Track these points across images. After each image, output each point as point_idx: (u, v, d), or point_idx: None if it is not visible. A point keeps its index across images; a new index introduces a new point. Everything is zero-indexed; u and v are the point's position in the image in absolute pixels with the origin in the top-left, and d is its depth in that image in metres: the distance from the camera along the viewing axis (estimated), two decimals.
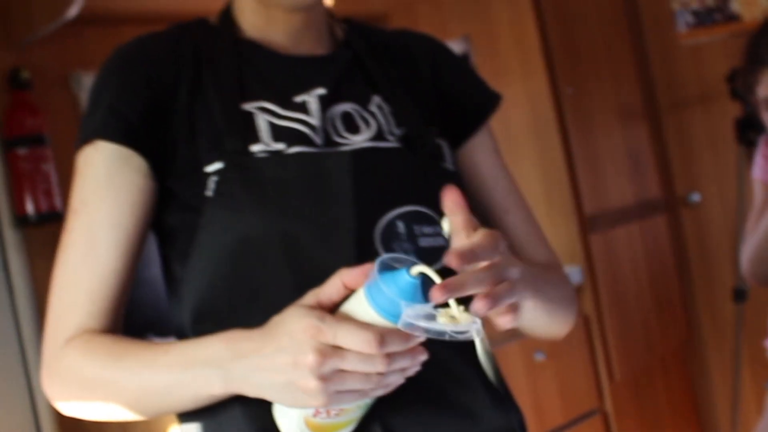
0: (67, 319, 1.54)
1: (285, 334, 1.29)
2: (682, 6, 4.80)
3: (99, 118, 1.55)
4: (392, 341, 1.23)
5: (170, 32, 1.68)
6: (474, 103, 1.83)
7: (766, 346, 3.26)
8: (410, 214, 1.61)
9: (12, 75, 3.25)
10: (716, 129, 4.64)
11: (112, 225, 1.55)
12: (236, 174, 1.54)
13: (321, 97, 1.64)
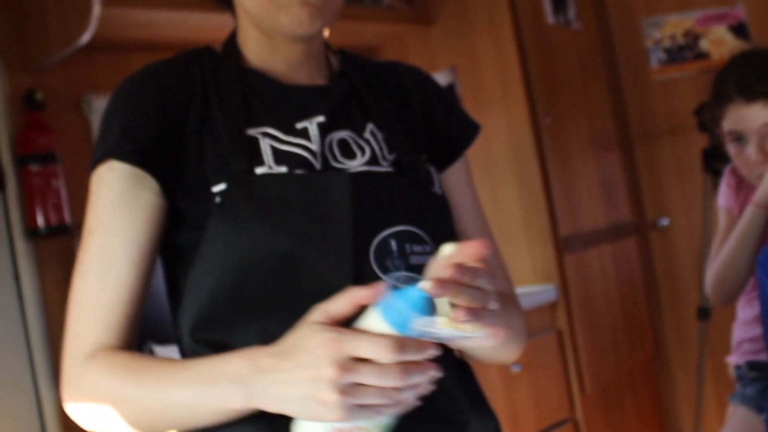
0: (86, 336, 1.53)
1: (304, 349, 1.28)
2: (655, 44, 4.84)
3: (113, 140, 1.55)
4: (409, 348, 1.22)
5: (179, 59, 1.68)
6: (455, 135, 1.85)
7: (728, 362, 3.27)
8: (402, 234, 1.61)
9: (27, 96, 3.25)
10: (684, 159, 4.65)
11: (127, 243, 1.55)
12: (240, 192, 1.54)
13: (320, 125, 1.64)
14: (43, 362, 3.20)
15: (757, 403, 3.03)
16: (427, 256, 1.61)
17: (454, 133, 1.85)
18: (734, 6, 4.78)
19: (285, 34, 1.63)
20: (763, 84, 2.88)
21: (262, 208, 1.54)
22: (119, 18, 3.10)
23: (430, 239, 1.65)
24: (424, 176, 1.72)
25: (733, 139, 2.98)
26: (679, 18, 4.84)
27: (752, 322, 3.14)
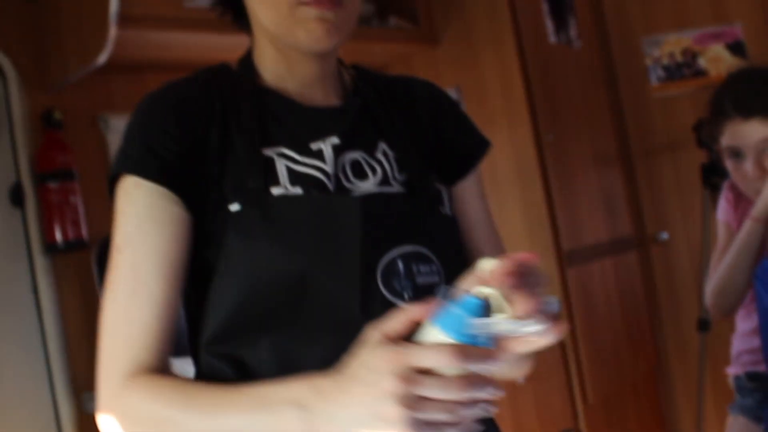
0: (122, 356, 1.48)
1: (364, 368, 1.23)
2: (654, 62, 4.85)
3: (137, 156, 1.53)
4: (471, 354, 1.17)
5: (198, 78, 1.66)
6: (466, 150, 1.84)
7: (728, 373, 3.27)
8: (409, 254, 1.61)
9: (46, 115, 3.26)
10: (683, 174, 4.65)
11: (157, 258, 1.51)
12: (255, 212, 1.53)
13: (334, 146, 1.63)
14: (60, 372, 3.21)
15: (756, 413, 3.03)
16: (434, 275, 1.63)
17: (464, 149, 1.84)
18: (731, 25, 4.80)
19: (302, 50, 1.61)
20: (760, 101, 2.88)
21: (276, 230, 1.53)
22: (135, 39, 3.11)
23: (437, 259, 1.65)
24: (433, 196, 1.72)
25: (731, 154, 2.99)
26: (677, 37, 4.85)
27: (751, 333, 3.14)
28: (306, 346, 1.55)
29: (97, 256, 3.22)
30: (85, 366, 3.29)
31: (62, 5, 3.17)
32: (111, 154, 3.50)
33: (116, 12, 2.92)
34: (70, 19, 3.14)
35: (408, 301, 1.60)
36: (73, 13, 3.13)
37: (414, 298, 1.59)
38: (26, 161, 3.21)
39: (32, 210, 3.21)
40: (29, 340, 3.19)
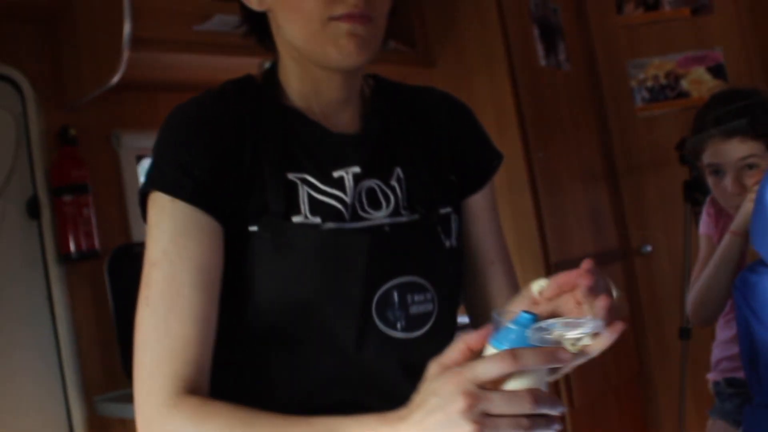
0: (164, 371, 1.41)
1: (432, 395, 1.17)
2: (639, 84, 4.86)
3: (171, 175, 1.49)
4: (525, 356, 1.14)
5: (227, 94, 1.62)
6: (481, 164, 1.82)
7: (708, 379, 3.28)
8: (405, 284, 1.60)
9: (61, 132, 3.29)
10: (666, 190, 4.66)
11: (195, 271, 1.46)
12: (273, 236, 1.52)
13: (355, 175, 1.61)
14: (73, 376, 3.22)
15: (735, 418, 3.04)
16: (427, 303, 1.62)
17: (479, 163, 1.82)
18: (712, 49, 4.81)
19: (331, 66, 1.58)
20: (740, 121, 2.89)
21: (288, 258, 1.52)
22: (146, 61, 3.11)
23: (432, 287, 1.64)
24: (441, 222, 1.69)
25: (712, 171, 3.00)
26: (661, 60, 4.86)
27: (730, 341, 3.14)
28: (305, 366, 1.57)
29: (109, 265, 3.24)
30: (96, 370, 3.30)
31: (78, 28, 3.18)
32: (123, 169, 3.51)
33: (129, 35, 2.93)
34: (86, 42, 3.16)
35: (400, 331, 1.60)
36: (88, 35, 3.14)
37: (406, 328, 1.60)
38: (42, 175, 3.23)
39: (48, 221, 3.23)
40: (43, 345, 3.19)
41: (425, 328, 1.64)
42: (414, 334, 1.62)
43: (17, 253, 3.18)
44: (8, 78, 3.19)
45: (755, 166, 2.89)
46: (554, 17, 4.61)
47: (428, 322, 1.64)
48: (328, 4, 1.49)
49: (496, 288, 1.77)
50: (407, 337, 1.61)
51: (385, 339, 1.59)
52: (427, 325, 1.64)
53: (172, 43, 3.09)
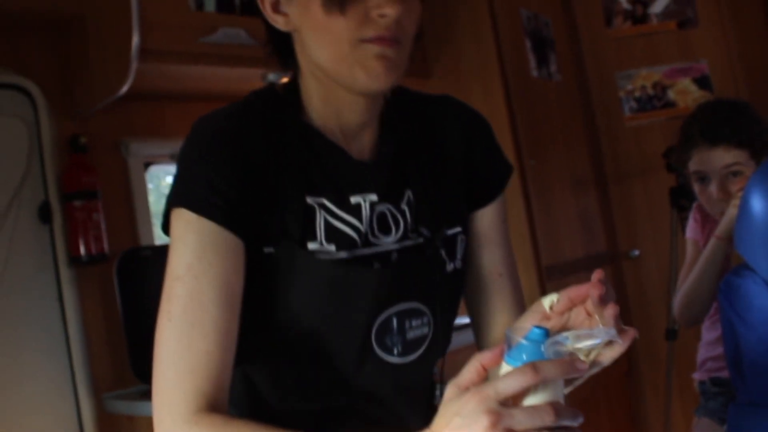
0: (186, 386, 1.36)
1: (453, 415, 1.13)
2: (627, 94, 4.86)
3: (201, 194, 1.43)
4: (545, 368, 1.12)
5: (250, 108, 1.57)
6: (491, 179, 1.76)
7: (694, 378, 3.28)
8: (405, 311, 1.58)
9: (72, 140, 3.29)
10: (654, 196, 4.66)
11: (219, 287, 1.41)
12: (287, 260, 1.50)
13: (372, 203, 1.58)
14: (82, 375, 3.22)
15: (720, 416, 3.04)
16: (424, 327, 1.62)
17: (491, 177, 1.77)
18: (698, 61, 4.81)
19: (358, 89, 1.52)
20: (725, 130, 2.89)
21: (299, 284, 1.51)
22: (154, 71, 3.11)
23: (429, 312, 1.63)
24: (447, 245, 1.67)
25: (697, 178, 3.00)
26: (648, 71, 4.86)
27: (715, 342, 3.14)
28: (310, 377, 1.58)
29: (118, 268, 3.24)
30: (105, 369, 3.30)
31: (89, 40, 3.18)
32: (131, 175, 3.51)
33: (137, 47, 2.93)
34: (96, 53, 3.16)
35: (396, 356, 1.60)
36: (98, 47, 3.14)
37: (402, 353, 1.60)
38: (54, 182, 3.23)
39: (59, 226, 3.23)
40: (54, 344, 3.19)
41: (420, 351, 1.64)
42: (409, 358, 1.62)
43: (29, 256, 3.18)
44: (21, 87, 3.19)
45: (739, 173, 2.89)
46: (546, 30, 4.61)
47: (423, 345, 1.64)
48: (359, 26, 1.45)
49: (502, 300, 1.75)
50: (402, 362, 1.61)
51: (381, 363, 1.59)
52: (422, 348, 1.64)
53: (178, 54, 3.09)
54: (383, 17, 1.45)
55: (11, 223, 3.13)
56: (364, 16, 1.45)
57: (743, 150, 2.89)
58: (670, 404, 4.37)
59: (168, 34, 3.01)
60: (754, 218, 2.19)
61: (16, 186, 3.16)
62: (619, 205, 4.90)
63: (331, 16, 1.44)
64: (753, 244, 2.21)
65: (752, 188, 2.19)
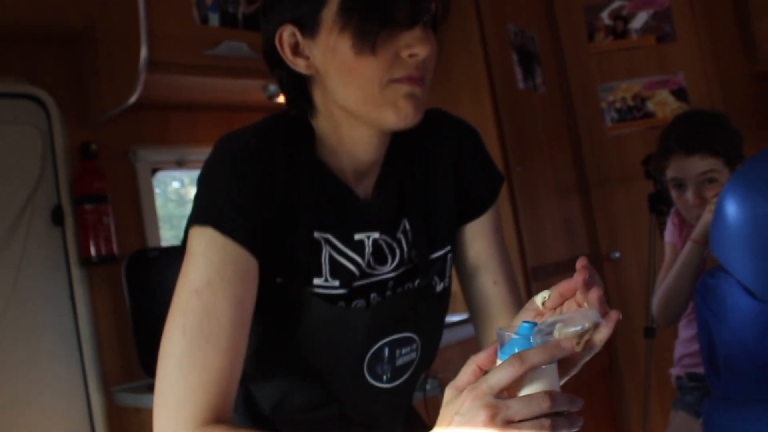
0: (196, 400, 1.32)
1: (456, 415, 1.13)
2: (608, 105, 4.86)
3: (228, 215, 1.40)
4: (530, 354, 1.13)
5: (273, 136, 1.50)
6: (482, 192, 1.74)
7: (671, 374, 3.28)
8: (396, 340, 1.58)
9: (83, 147, 3.28)
10: (633, 202, 4.66)
11: (235, 305, 1.37)
12: (292, 295, 1.49)
13: (374, 240, 1.57)
14: (92, 369, 3.22)
15: (696, 409, 3.04)
16: (412, 353, 1.62)
17: (482, 189, 1.74)
18: (675, 74, 4.82)
19: (387, 127, 1.49)
20: (700, 139, 2.90)
21: (300, 318, 1.50)
22: (161, 82, 3.11)
23: (418, 338, 1.63)
24: (438, 268, 1.67)
25: (674, 185, 3.00)
26: (629, 84, 4.86)
27: (691, 340, 3.15)
28: (302, 398, 1.59)
29: (126, 268, 3.24)
30: (114, 363, 3.29)
31: (99, 53, 3.18)
32: (139, 181, 3.51)
33: (146, 59, 2.92)
34: (106, 65, 3.15)
35: (385, 382, 1.60)
36: (108, 59, 3.14)
37: (391, 379, 1.60)
38: (66, 186, 3.23)
39: (71, 228, 3.23)
40: (66, 340, 3.19)
41: (406, 375, 1.65)
42: (397, 382, 1.63)
43: (43, 256, 3.17)
44: (35, 97, 3.19)
45: (714, 180, 2.90)
46: (531, 45, 4.61)
47: (410, 369, 1.65)
48: (388, 68, 1.42)
49: (500, 306, 1.73)
50: (390, 387, 1.62)
51: (372, 390, 1.60)
52: (409, 371, 1.65)
53: (184, 66, 3.08)
54: (413, 57, 1.44)
55: (26, 226, 3.13)
56: (395, 56, 1.43)
57: (718, 158, 2.89)
58: (648, 398, 4.37)
59: (174, 47, 3.00)
60: (728, 223, 2.19)
61: (30, 190, 3.16)
62: (600, 210, 4.90)
63: (362, 58, 1.41)
64: (727, 247, 2.21)
65: (727, 194, 2.19)
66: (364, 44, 1.40)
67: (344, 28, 1.41)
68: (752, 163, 2.19)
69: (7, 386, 2.99)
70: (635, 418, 4.79)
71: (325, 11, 1.43)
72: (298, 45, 1.48)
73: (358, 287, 1.55)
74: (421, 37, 1.43)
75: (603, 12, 4.94)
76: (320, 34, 1.45)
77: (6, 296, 3.05)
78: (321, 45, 1.45)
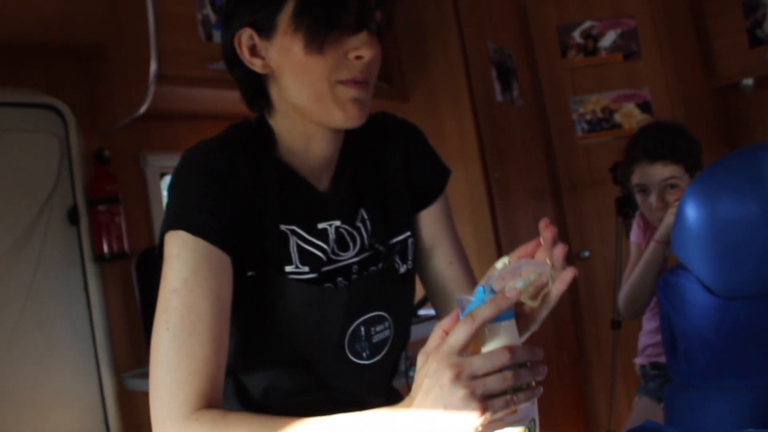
0: (186, 387, 1.32)
1: (423, 377, 1.15)
2: (579, 117, 4.86)
3: (197, 217, 1.40)
4: (482, 309, 1.13)
5: (235, 144, 1.51)
6: (430, 183, 1.76)
7: (635, 363, 3.29)
8: (369, 319, 1.59)
9: (97, 153, 3.29)
10: (602, 205, 4.66)
11: (212, 298, 1.37)
12: (268, 283, 1.49)
13: (336, 227, 1.58)
14: (105, 356, 3.22)
15: (658, 395, 3.04)
16: (386, 330, 1.62)
17: (429, 181, 1.76)
18: (641, 88, 4.82)
19: (335, 126, 1.52)
20: (663, 148, 2.91)
21: (278, 305, 1.51)
22: (169, 94, 3.11)
23: (390, 316, 1.63)
24: (400, 251, 1.68)
25: (639, 190, 3.01)
26: (598, 97, 4.87)
27: (654, 331, 3.16)
28: (290, 383, 1.59)
29: (136, 264, 3.25)
30: (124, 351, 3.29)
31: (112, 66, 3.18)
32: (148, 184, 3.51)
33: (155, 73, 2.93)
34: (118, 78, 3.16)
35: (366, 359, 1.61)
36: (121, 73, 3.14)
37: (370, 355, 1.61)
38: (81, 189, 3.22)
39: (85, 227, 3.23)
40: (81, 330, 3.19)
41: (384, 351, 1.65)
42: (376, 358, 1.63)
43: (60, 253, 3.17)
44: (54, 108, 3.19)
45: (675, 186, 2.91)
46: (509, 61, 4.62)
47: (386, 346, 1.65)
48: (335, 68, 1.45)
49: (457, 284, 1.74)
50: (371, 363, 1.62)
51: (353, 366, 1.60)
52: (386, 348, 1.65)
53: (190, 79, 3.09)
54: (359, 59, 1.46)
55: (44, 225, 3.13)
56: (342, 57, 1.46)
57: (679, 165, 2.90)
58: (614, 385, 4.37)
59: (181, 61, 3.00)
60: (688, 225, 2.20)
61: (48, 192, 3.15)
62: (571, 213, 4.90)
63: (312, 57, 1.44)
64: (687, 247, 2.22)
65: (687, 199, 2.20)
66: (314, 44, 1.43)
67: (297, 30, 1.44)
68: (710, 171, 2.20)
69: (27, 371, 2.99)
70: (602, 404, 4.79)
71: (281, 15, 1.46)
72: (255, 46, 1.50)
73: (326, 272, 1.56)
74: (367, 41, 1.46)
75: (575, 31, 4.95)
76: (276, 36, 1.47)
77: (26, 289, 3.04)
78: (276, 46, 1.48)
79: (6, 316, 2.98)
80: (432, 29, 4.30)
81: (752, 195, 2.11)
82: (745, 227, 2.11)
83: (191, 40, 3.11)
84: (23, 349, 3.00)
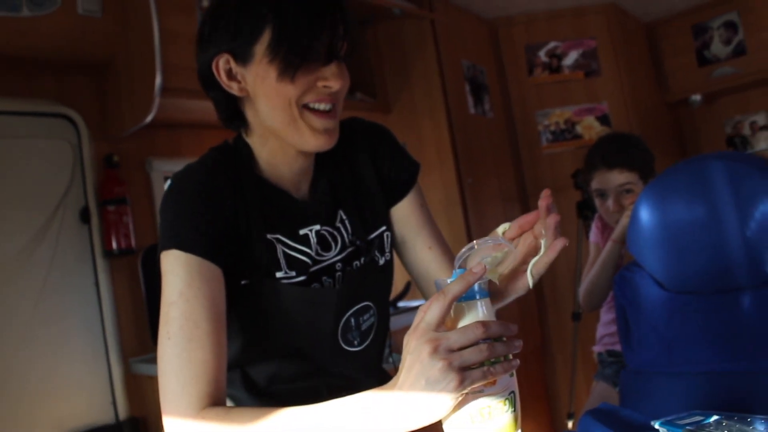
0: (190, 392, 1.31)
1: (406, 355, 1.14)
2: (544, 128, 4.88)
3: (187, 235, 1.40)
4: (451, 287, 1.12)
5: (217, 166, 1.51)
6: (401, 178, 1.74)
7: (594, 351, 3.29)
8: (358, 310, 1.59)
9: (107, 158, 3.27)
10: (564, 208, 4.65)
11: (209, 308, 1.36)
12: (261, 289, 1.49)
13: (317, 232, 1.57)
14: (113, 343, 3.20)
15: (614, 380, 3.05)
16: (371, 317, 1.63)
17: (400, 176, 1.73)
18: (600, 103, 4.84)
19: (306, 149, 1.51)
20: (620, 157, 2.92)
21: (273, 308, 1.50)
22: (173, 105, 3.10)
23: (374, 305, 1.64)
24: (378, 245, 1.68)
25: (598, 195, 3.02)
26: (561, 110, 4.88)
27: (611, 322, 3.16)
28: (291, 373, 1.59)
29: (142, 259, 3.24)
30: (131, 338, 3.28)
31: (121, 79, 3.17)
32: (154, 187, 3.50)
33: (160, 85, 2.92)
34: (127, 89, 3.14)
35: (357, 346, 1.61)
36: (128, 85, 3.13)
37: (360, 342, 1.61)
38: (92, 191, 3.21)
39: (96, 226, 3.21)
40: (91, 319, 3.18)
41: (371, 337, 1.65)
42: (365, 344, 1.64)
43: (72, 249, 3.16)
44: (67, 116, 3.17)
45: (631, 190, 2.92)
46: (481, 77, 4.63)
47: (372, 331, 1.65)
48: (302, 94, 1.44)
49: (437, 267, 1.73)
50: (361, 349, 1.63)
51: (347, 354, 1.60)
52: (372, 334, 1.65)
53: (193, 92, 3.06)
54: (327, 89, 1.46)
55: (58, 224, 3.12)
56: (312, 84, 1.45)
57: (634, 172, 2.91)
58: (575, 371, 4.38)
59: (184, 75, 3.00)
60: (642, 226, 2.22)
61: (62, 194, 3.14)
62: None
63: (283, 84, 1.43)
64: (641, 246, 2.23)
65: (641, 203, 2.22)
66: (287, 74, 1.42)
67: (272, 60, 1.42)
68: (662, 177, 2.21)
69: (42, 359, 2.98)
70: (563, 389, 4.80)
71: (257, 46, 1.44)
72: (231, 71, 1.48)
73: (313, 273, 1.55)
74: (336, 72, 1.46)
75: (541, 51, 4.96)
76: (252, 63, 1.45)
77: (41, 283, 3.03)
78: (252, 72, 1.46)
79: (23, 307, 2.97)
80: (412, 48, 4.30)
81: (699, 200, 2.12)
82: (693, 229, 2.12)
83: (193, 56, 3.10)
84: (38, 338, 2.99)
